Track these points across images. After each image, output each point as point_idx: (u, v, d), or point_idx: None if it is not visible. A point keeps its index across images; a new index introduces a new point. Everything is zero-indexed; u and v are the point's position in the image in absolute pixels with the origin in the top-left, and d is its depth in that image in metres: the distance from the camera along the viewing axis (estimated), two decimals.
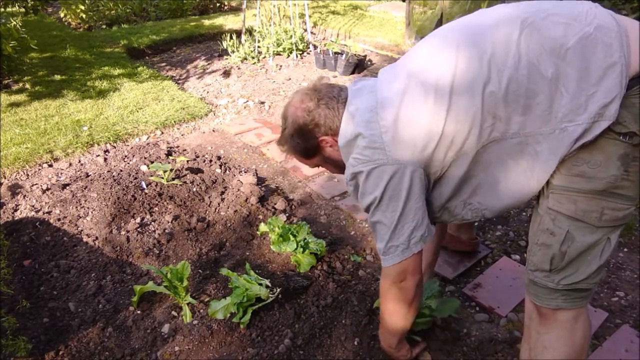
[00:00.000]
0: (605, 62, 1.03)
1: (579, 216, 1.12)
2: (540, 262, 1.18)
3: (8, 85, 3.94)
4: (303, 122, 1.36)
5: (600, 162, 1.07)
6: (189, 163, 2.73)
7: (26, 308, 1.79)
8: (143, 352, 1.63)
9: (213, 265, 2.02)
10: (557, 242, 1.14)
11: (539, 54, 1.07)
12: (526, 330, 1.31)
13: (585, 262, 1.14)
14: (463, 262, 2.05)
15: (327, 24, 5.71)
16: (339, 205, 2.48)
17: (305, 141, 1.39)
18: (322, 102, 1.35)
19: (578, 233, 1.12)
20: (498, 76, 1.09)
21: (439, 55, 1.17)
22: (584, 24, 1.06)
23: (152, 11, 6.47)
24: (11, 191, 2.55)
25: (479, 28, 1.16)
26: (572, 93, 1.05)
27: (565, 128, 1.07)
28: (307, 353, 1.62)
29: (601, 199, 1.10)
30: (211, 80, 4.32)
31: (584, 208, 1.11)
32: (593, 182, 1.09)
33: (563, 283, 1.16)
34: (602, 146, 1.07)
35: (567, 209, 1.12)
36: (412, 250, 1.25)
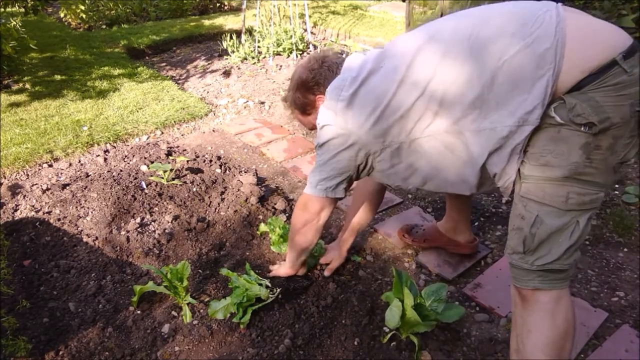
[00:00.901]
0: (534, 74, 1.16)
1: (547, 201, 1.22)
2: (515, 245, 1.28)
3: (8, 85, 3.94)
4: (305, 78, 1.59)
5: (563, 152, 1.18)
6: (189, 163, 2.73)
7: (26, 308, 1.79)
8: (143, 352, 1.63)
9: (213, 265, 2.02)
10: (527, 225, 1.24)
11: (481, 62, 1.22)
12: (513, 317, 1.35)
13: (557, 243, 1.23)
14: (463, 262, 2.05)
15: (327, 24, 5.71)
16: (339, 205, 2.48)
17: (304, 96, 1.62)
18: (326, 65, 1.56)
19: (547, 216, 1.22)
20: (444, 77, 1.25)
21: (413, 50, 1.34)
22: (526, 34, 1.18)
23: (152, 11, 6.47)
24: (11, 191, 2.55)
25: (442, 32, 1.32)
26: (503, 100, 1.20)
27: (494, 128, 1.23)
28: (307, 353, 1.62)
29: (566, 185, 1.19)
30: (211, 80, 4.32)
31: (551, 193, 1.21)
32: (557, 169, 1.19)
33: (537, 264, 1.24)
34: (565, 137, 1.18)
35: (536, 195, 1.23)
36: (314, 191, 1.58)
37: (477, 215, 2.38)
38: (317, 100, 1.60)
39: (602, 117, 1.13)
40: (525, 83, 1.18)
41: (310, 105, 1.63)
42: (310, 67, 1.57)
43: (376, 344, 1.65)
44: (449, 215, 2.04)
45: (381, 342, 1.65)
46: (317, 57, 1.59)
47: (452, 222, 2.03)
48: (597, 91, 1.13)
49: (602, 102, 1.13)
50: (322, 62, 1.56)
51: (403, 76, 1.31)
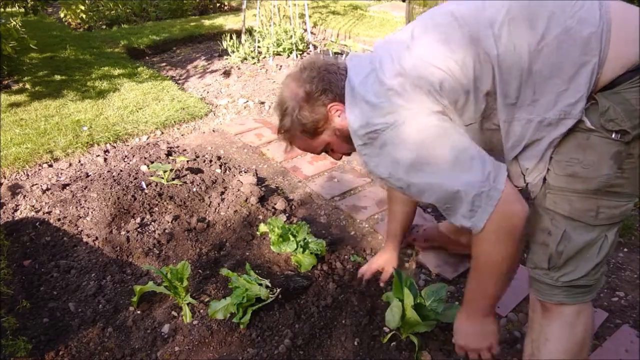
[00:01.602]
0: (580, 60, 1.03)
1: (575, 216, 1.12)
2: (539, 261, 1.20)
3: (8, 85, 3.94)
4: (309, 90, 1.29)
5: (593, 162, 1.07)
6: (189, 163, 2.73)
7: (26, 308, 1.79)
8: (143, 352, 1.63)
9: (213, 265, 2.02)
10: (554, 241, 1.15)
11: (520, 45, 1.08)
12: (530, 322, 1.33)
13: (584, 259, 1.15)
14: (463, 262, 2.05)
15: (327, 24, 5.71)
16: (339, 205, 2.48)
17: (312, 112, 1.30)
18: (322, 68, 1.31)
19: (575, 232, 1.13)
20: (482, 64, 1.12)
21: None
22: (567, 15, 1.04)
23: (152, 11, 6.47)
24: (11, 191, 2.55)
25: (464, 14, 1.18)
26: (542, 88, 1.07)
27: (531, 120, 1.11)
28: (307, 353, 1.62)
29: (596, 198, 1.10)
30: (211, 81, 4.32)
31: (579, 207, 1.12)
32: (586, 182, 1.09)
33: (562, 280, 1.18)
34: (594, 145, 1.07)
35: (563, 208, 1.14)
36: (497, 187, 1.10)
37: None
38: (330, 110, 1.31)
39: (635, 122, 1.02)
40: (567, 70, 1.04)
41: (323, 119, 1.32)
42: (307, 77, 1.30)
43: (376, 344, 1.65)
44: None
45: (381, 342, 1.65)
46: (307, 66, 1.33)
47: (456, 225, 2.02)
48: (631, 91, 1.01)
49: (637, 105, 1.01)
50: (318, 67, 1.31)
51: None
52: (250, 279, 1.80)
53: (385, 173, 1.21)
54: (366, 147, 1.23)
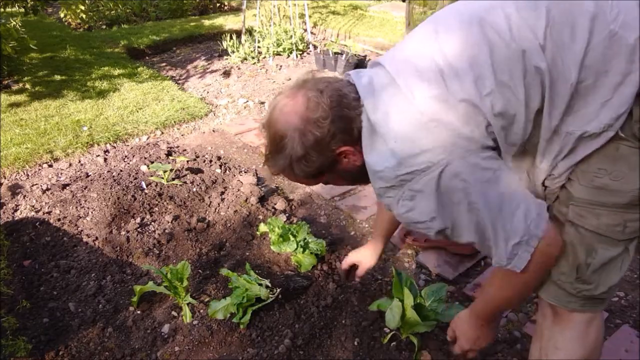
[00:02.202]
0: (626, 68, 0.93)
1: (602, 231, 1.06)
2: (567, 268, 1.13)
3: (8, 85, 3.94)
4: (318, 138, 1.09)
5: (624, 174, 0.99)
6: (189, 163, 2.73)
7: (26, 308, 1.79)
8: (143, 352, 1.63)
9: (213, 265, 2.02)
10: (581, 252, 1.09)
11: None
12: (538, 327, 1.30)
13: (606, 275, 1.11)
14: (463, 262, 2.05)
15: (327, 24, 5.71)
16: (339, 205, 2.48)
17: (318, 159, 1.13)
18: (335, 104, 1.09)
19: (601, 247, 1.07)
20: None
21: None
22: (609, 19, 0.94)
23: (152, 11, 6.47)
24: (11, 191, 2.55)
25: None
26: (585, 99, 0.97)
27: (572, 133, 1.00)
28: (307, 353, 1.62)
29: (623, 212, 1.03)
30: (211, 81, 4.32)
31: (607, 222, 1.05)
32: (617, 195, 1.01)
33: (583, 293, 1.13)
34: (625, 156, 0.99)
35: (590, 223, 1.06)
36: (538, 234, 1.03)
37: None
38: (340, 154, 1.14)
39: None
40: (612, 79, 0.95)
41: (329, 164, 1.16)
42: (318, 118, 1.08)
43: (376, 344, 1.65)
44: None
45: (381, 342, 1.65)
46: (315, 98, 1.09)
47: None
48: None
49: None
50: (330, 103, 1.08)
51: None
52: (250, 279, 1.79)
53: (422, 217, 1.07)
54: (394, 190, 1.08)
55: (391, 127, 1.06)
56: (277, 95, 1.17)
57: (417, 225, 1.11)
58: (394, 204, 1.11)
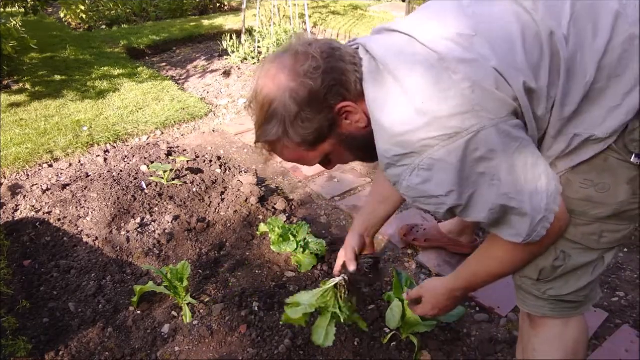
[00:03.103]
0: (638, 75, 0.89)
1: (577, 239, 1.04)
2: (529, 270, 1.12)
3: (8, 85, 3.94)
4: (312, 89, 0.97)
5: (609, 187, 0.97)
6: (189, 163, 2.73)
7: (26, 308, 1.79)
8: (143, 353, 1.63)
9: (213, 265, 2.02)
10: (550, 257, 1.08)
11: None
12: (520, 330, 1.30)
13: (575, 277, 1.09)
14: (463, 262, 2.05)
15: (327, 24, 5.71)
16: (339, 205, 2.48)
17: (316, 118, 1.00)
18: (327, 54, 0.98)
19: (574, 253, 1.06)
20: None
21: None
22: (631, 20, 0.90)
23: (152, 11, 6.47)
24: (11, 191, 2.55)
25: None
26: (595, 100, 0.93)
27: (580, 135, 0.95)
28: (307, 353, 1.62)
29: (602, 223, 1.02)
30: (211, 81, 4.32)
31: (584, 231, 1.03)
32: (600, 207, 0.99)
33: (549, 294, 1.12)
34: (612, 168, 0.96)
35: (568, 232, 1.04)
36: (555, 209, 0.97)
37: None
38: (340, 112, 1.02)
39: None
40: (625, 84, 0.90)
41: (328, 125, 1.03)
42: (307, 68, 0.97)
43: (376, 344, 1.65)
44: (458, 220, 2.00)
45: (381, 342, 1.65)
46: (303, 50, 0.99)
47: (460, 226, 2.02)
48: None
49: None
50: (320, 53, 0.98)
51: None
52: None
53: (437, 190, 0.96)
54: (411, 157, 0.95)
55: (416, 83, 0.93)
56: (259, 66, 1.06)
57: (427, 200, 0.99)
58: (406, 174, 0.97)
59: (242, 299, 1.81)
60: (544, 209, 0.96)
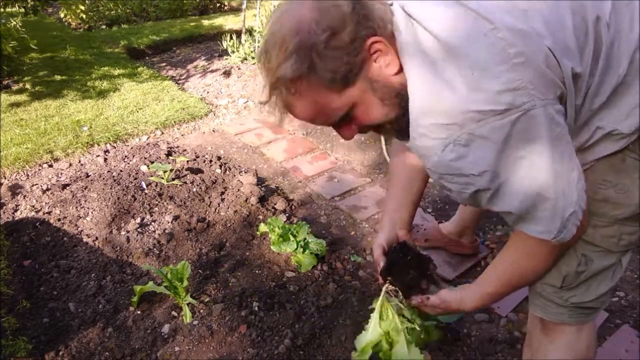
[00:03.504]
0: None
1: (597, 242, 1.03)
2: (552, 278, 1.10)
3: (8, 85, 3.94)
4: (342, 12, 0.84)
5: (627, 187, 0.96)
6: (189, 163, 2.73)
7: (26, 308, 1.79)
8: (143, 353, 1.63)
9: (213, 265, 2.02)
10: (573, 262, 1.06)
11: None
12: (528, 334, 1.28)
13: (596, 282, 1.09)
14: (463, 262, 2.05)
15: None
16: (339, 205, 2.48)
17: (346, 50, 0.85)
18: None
19: (595, 256, 1.05)
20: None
21: None
22: None
23: (152, 11, 6.47)
24: (11, 191, 2.55)
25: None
26: (620, 96, 0.91)
27: (602, 127, 0.93)
28: (307, 353, 1.62)
29: (621, 224, 1.01)
30: (211, 81, 4.32)
31: (604, 234, 1.02)
32: (619, 208, 0.99)
33: (571, 301, 1.10)
34: (629, 168, 0.96)
35: (587, 233, 1.02)
36: (583, 205, 0.91)
37: None
38: (371, 48, 0.88)
39: None
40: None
41: (360, 63, 0.88)
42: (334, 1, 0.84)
43: None
44: (459, 221, 2.00)
45: None
46: None
47: (460, 227, 2.02)
48: None
49: None
50: None
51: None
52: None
53: (471, 169, 0.87)
54: (450, 130, 0.85)
55: (468, 50, 0.83)
56: (271, 14, 0.94)
57: (455, 179, 0.90)
58: (439, 148, 0.87)
59: (242, 299, 1.81)
60: (575, 203, 0.89)
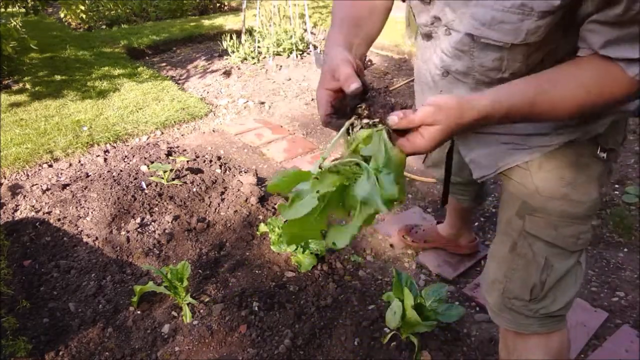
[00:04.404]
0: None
1: (559, 242, 1.03)
2: (519, 291, 1.09)
3: (8, 85, 3.94)
4: None
5: (583, 184, 0.98)
6: (189, 163, 2.73)
7: (26, 308, 1.79)
8: (143, 353, 1.63)
9: (213, 265, 2.02)
10: (536, 270, 1.05)
11: None
12: (502, 339, 1.26)
13: (562, 290, 1.08)
14: (463, 262, 2.05)
15: (327, 24, 5.71)
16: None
17: None
18: None
19: (556, 260, 1.04)
20: None
21: None
22: None
23: (152, 11, 6.47)
24: (11, 191, 2.55)
25: None
26: None
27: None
28: (307, 353, 1.62)
29: (579, 223, 1.02)
30: (211, 81, 4.32)
31: (564, 233, 1.02)
32: (577, 207, 1.00)
33: (541, 312, 1.10)
34: (585, 165, 0.98)
35: (548, 234, 1.02)
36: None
37: (477, 215, 2.37)
38: None
39: (621, 137, 0.97)
40: None
41: None
42: None
43: (376, 344, 1.65)
44: (451, 223, 2.01)
45: (381, 342, 1.66)
46: None
47: (454, 228, 2.02)
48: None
49: (623, 121, 0.94)
50: None
51: None
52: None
53: None
54: None
55: None
56: None
57: None
58: None
59: (242, 299, 1.81)
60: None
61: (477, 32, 0.86)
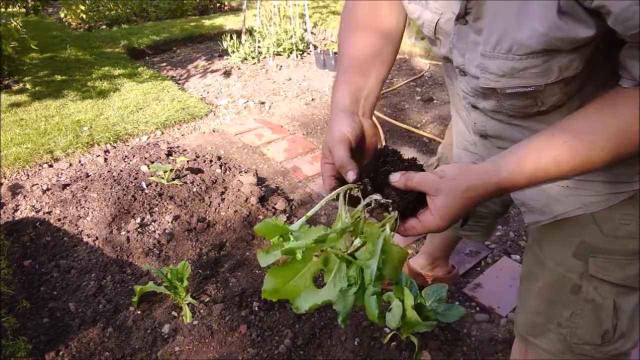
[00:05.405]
0: None
1: (627, 282, 0.93)
2: (590, 337, 0.99)
3: (8, 85, 3.95)
4: None
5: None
6: (189, 163, 2.73)
7: (26, 308, 1.79)
8: (143, 352, 1.63)
9: (213, 265, 2.03)
10: (606, 315, 0.95)
11: None
12: (515, 347, 1.18)
13: (632, 328, 0.99)
14: (463, 263, 2.05)
15: (327, 24, 5.71)
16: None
17: None
18: None
19: (623, 299, 0.95)
20: None
21: None
22: None
23: (152, 11, 6.47)
24: (11, 191, 2.55)
25: None
26: None
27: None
28: (307, 353, 1.62)
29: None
30: (211, 81, 4.32)
31: (632, 272, 0.92)
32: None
33: (612, 354, 1.01)
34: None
35: (616, 276, 0.92)
36: None
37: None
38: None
39: None
40: None
41: None
42: None
43: (376, 344, 1.65)
44: (428, 253, 1.82)
45: (381, 342, 1.66)
46: None
47: (430, 258, 1.83)
48: None
49: None
50: None
51: None
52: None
53: None
54: None
55: None
56: None
57: None
58: None
59: (242, 299, 1.81)
60: None
61: (498, 84, 0.75)
